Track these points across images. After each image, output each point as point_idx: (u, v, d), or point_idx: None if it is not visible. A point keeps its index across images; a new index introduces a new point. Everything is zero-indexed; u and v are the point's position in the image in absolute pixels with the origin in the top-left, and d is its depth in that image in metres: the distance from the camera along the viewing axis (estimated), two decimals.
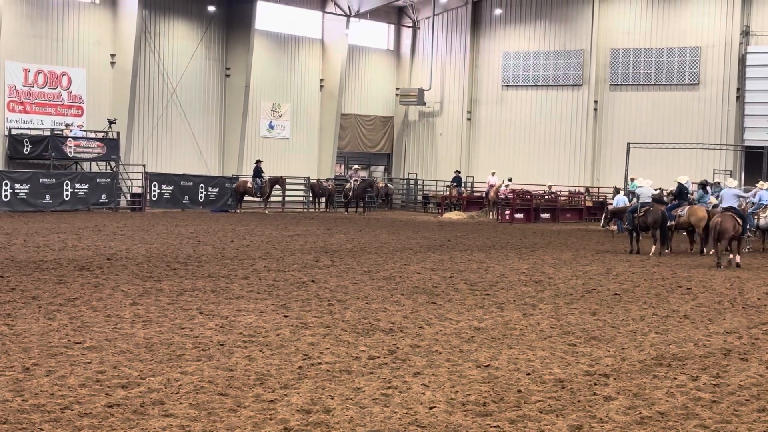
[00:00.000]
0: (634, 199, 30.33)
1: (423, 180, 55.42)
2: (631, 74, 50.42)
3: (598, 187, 49.73)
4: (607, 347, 12.88)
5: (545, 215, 46.10)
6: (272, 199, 45.70)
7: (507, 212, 44.57)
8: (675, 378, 11.06)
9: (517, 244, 30.41)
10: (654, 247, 28.06)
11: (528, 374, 11.00)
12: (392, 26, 56.79)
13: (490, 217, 45.37)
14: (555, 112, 52.29)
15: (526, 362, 11.69)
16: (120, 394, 9.51)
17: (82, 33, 43.14)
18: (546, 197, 46.95)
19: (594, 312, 16.03)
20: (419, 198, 54.62)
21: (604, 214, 33.39)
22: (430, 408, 9.38)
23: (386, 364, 11.36)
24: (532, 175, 50.23)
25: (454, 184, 49.72)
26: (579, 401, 9.83)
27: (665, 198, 31.56)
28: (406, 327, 13.94)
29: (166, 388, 9.81)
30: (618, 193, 38.11)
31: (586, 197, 48.29)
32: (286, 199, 48.04)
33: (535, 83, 52.96)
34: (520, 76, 53.39)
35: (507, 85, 53.77)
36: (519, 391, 10.18)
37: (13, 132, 40.10)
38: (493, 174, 47.75)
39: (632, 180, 42.24)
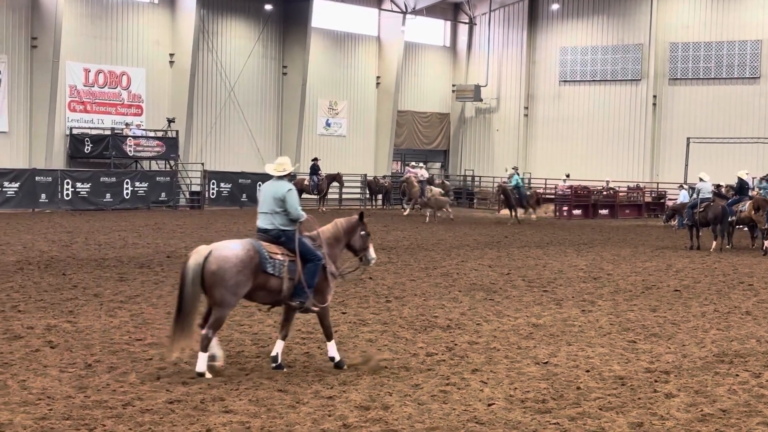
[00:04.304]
0: (694, 195, 29.99)
1: (480, 177, 55.22)
2: (691, 68, 49.81)
3: (657, 183, 49.21)
4: (668, 344, 12.76)
5: (603, 211, 45.70)
6: (329, 196, 45.75)
7: (565, 208, 44.28)
8: (737, 375, 10.93)
9: (575, 241, 30.20)
10: (714, 242, 27.73)
11: (587, 371, 10.93)
12: (448, 22, 56.65)
13: (407, 213, 42.31)
14: (613, 108, 51.79)
15: (586, 359, 11.61)
16: (180, 390, 9.61)
17: (141, 33, 43.54)
18: (604, 193, 46.55)
19: (654, 308, 15.88)
20: (474, 194, 54.15)
21: (665, 211, 33.02)
22: (489, 405, 9.35)
23: (444, 360, 11.35)
24: (590, 171, 49.82)
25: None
26: (639, 398, 9.75)
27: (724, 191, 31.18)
28: (463, 324, 13.92)
29: (225, 384, 9.89)
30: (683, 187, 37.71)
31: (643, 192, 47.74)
32: (344, 196, 48.14)
33: (593, 78, 52.51)
34: (577, 72, 52.98)
35: (564, 81, 53.39)
36: (578, 388, 10.12)
37: (74, 131, 40.59)
38: (414, 166, 46.00)
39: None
